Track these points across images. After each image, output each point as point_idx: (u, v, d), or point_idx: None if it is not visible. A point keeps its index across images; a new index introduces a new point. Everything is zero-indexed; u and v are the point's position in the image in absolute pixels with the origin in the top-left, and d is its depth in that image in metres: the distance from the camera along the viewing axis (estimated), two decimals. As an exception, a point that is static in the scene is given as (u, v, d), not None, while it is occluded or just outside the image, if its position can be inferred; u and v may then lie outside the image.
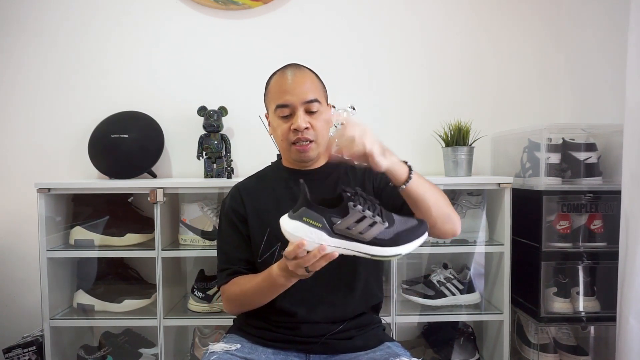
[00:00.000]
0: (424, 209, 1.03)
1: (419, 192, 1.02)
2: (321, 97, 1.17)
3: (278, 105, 1.15)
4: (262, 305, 1.12)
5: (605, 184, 1.57)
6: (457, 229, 1.10)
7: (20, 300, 1.90)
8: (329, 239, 0.91)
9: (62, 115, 1.89)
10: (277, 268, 1.02)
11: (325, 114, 1.19)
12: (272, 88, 1.19)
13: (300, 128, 1.12)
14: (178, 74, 1.89)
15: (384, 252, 0.93)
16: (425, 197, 1.03)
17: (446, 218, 1.07)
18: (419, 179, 1.02)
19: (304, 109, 1.13)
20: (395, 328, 1.62)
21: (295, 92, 1.13)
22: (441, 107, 1.88)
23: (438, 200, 1.06)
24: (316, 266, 0.93)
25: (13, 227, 1.89)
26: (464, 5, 1.90)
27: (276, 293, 1.08)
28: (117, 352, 1.71)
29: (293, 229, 0.92)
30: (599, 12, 1.74)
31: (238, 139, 1.89)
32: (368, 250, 0.93)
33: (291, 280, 1.02)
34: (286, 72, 1.17)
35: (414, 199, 1.03)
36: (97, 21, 1.88)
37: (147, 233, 1.69)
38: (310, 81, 1.16)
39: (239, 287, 1.14)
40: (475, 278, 1.70)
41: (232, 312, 1.23)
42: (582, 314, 1.58)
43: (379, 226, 0.92)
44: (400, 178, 1.00)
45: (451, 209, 1.09)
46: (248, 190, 1.23)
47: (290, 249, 0.93)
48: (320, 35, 1.90)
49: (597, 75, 1.76)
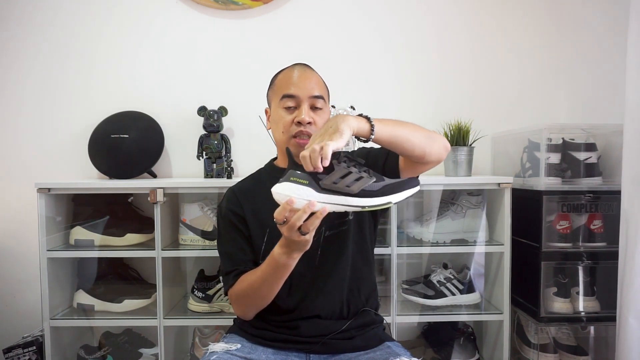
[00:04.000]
0: (405, 145, 1.04)
1: (389, 133, 1.02)
2: (326, 97, 1.21)
3: (284, 95, 1.16)
4: (271, 298, 1.11)
5: (605, 184, 1.58)
6: (445, 144, 1.11)
7: (20, 300, 1.90)
8: (317, 195, 0.92)
9: (62, 115, 1.89)
10: (277, 247, 1.02)
11: (327, 115, 1.21)
12: (279, 81, 1.21)
13: (304, 121, 1.13)
14: (178, 74, 1.89)
15: (374, 202, 0.92)
16: (397, 133, 1.03)
17: (429, 141, 1.07)
18: (382, 123, 1.01)
19: (309, 103, 1.15)
20: (395, 328, 1.62)
21: (303, 86, 1.16)
22: (441, 107, 1.88)
23: (412, 131, 1.06)
24: (309, 226, 0.92)
25: (13, 227, 1.89)
26: (464, 6, 1.90)
27: (281, 278, 1.06)
28: (117, 352, 1.71)
29: (281, 190, 0.93)
30: (599, 12, 1.74)
31: (238, 139, 1.89)
32: (357, 202, 0.92)
33: (292, 256, 1.01)
34: (295, 67, 1.21)
35: (389, 140, 1.02)
36: (97, 21, 1.88)
37: (147, 233, 1.69)
38: (317, 79, 1.20)
39: (245, 282, 1.12)
40: (475, 278, 1.70)
41: (245, 315, 1.17)
42: (582, 314, 1.58)
43: (366, 179, 0.93)
44: (364, 131, 0.99)
45: (429, 132, 1.09)
46: (244, 191, 1.23)
47: (279, 209, 0.93)
48: (320, 35, 1.90)
49: (597, 75, 1.76)
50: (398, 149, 1.05)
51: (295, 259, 1.02)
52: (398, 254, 1.61)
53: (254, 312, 1.16)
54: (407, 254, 1.75)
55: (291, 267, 1.04)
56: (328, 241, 1.17)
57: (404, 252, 1.65)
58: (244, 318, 1.18)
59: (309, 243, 0.98)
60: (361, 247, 1.21)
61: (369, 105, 1.89)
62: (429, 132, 1.08)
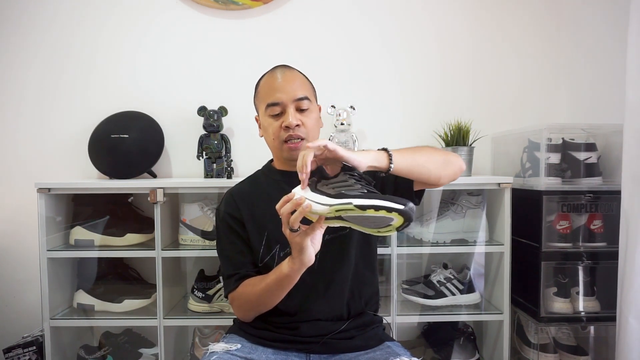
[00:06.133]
0: (422, 173, 1.04)
1: (408, 165, 1.01)
2: (311, 96, 1.19)
3: (269, 104, 1.16)
4: (274, 305, 1.11)
5: (605, 184, 1.57)
6: (460, 165, 1.11)
7: (20, 300, 1.90)
8: (311, 194, 0.92)
9: (62, 115, 1.89)
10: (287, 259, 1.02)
11: (316, 113, 1.20)
12: (262, 88, 1.21)
13: (291, 125, 1.13)
14: (178, 74, 1.89)
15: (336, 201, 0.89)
16: (415, 163, 1.02)
17: (444, 165, 1.07)
18: (399, 154, 1.00)
19: (294, 107, 1.15)
20: (395, 328, 1.62)
21: (286, 90, 1.15)
22: (441, 107, 1.89)
23: (429, 157, 1.06)
24: (293, 221, 0.91)
25: (13, 227, 1.89)
26: (464, 6, 1.90)
27: (284, 288, 1.06)
28: (117, 352, 1.71)
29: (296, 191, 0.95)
30: (599, 12, 1.74)
31: (238, 139, 1.89)
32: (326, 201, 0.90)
33: (294, 267, 1.00)
34: (275, 72, 1.20)
35: (408, 170, 1.02)
36: (96, 21, 1.88)
37: (147, 233, 1.69)
38: (300, 80, 1.19)
39: (250, 288, 1.12)
40: (475, 278, 1.70)
41: (245, 318, 1.18)
42: (582, 314, 1.58)
43: (355, 189, 0.91)
44: (383, 164, 0.97)
45: (445, 156, 1.09)
46: (242, 195, 1.23)
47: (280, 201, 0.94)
48: (320, 36, 1.90)
49: (597, 75, 1.76)
50: (414, 176, 1.05)
51: (296, 270, 1.01)
52: (398, 254, 1.61)
53: (255, 316, 1.17)
54: (407, 254, 1.75)
55: (294, 278, 1.03)
56: (327, 245, 1.15)
57: (404, 252, 1.65)
58: (244, 320, 1.19)
59: (303, 247, 0.96)
60: (365, 251, 1.21)
61: (369, 105, 1.89)
62: (445, 156, 1.08)
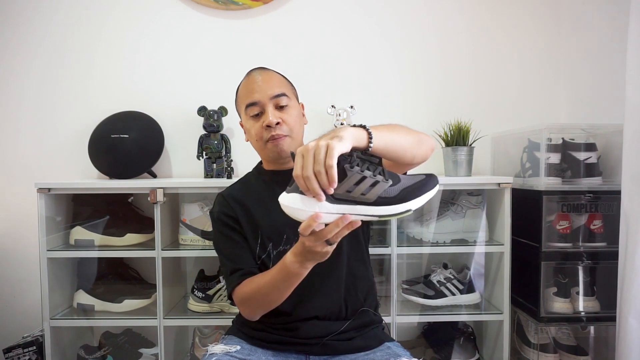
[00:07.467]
0: (397, 151, 0.98)
1: (385, 143, 0.94)
2: (289, 92, 1.20)
3: (247, 105, 1.17)
4: (280, 302, 1.07)
5: (605, 184, 1.57)
6: (431, 144, 1.07)
7: (20, 300, 1.90)
8: (331, 206, 0.83)
9: (62, 115, 1.89)
10: (290, 255, 0.97)
11: (297, 110, 1.21)
12: (240, 92, 1.22)
13: (271, 123, 1.13)
14: (178, 73, 1.89)
15: (392, 210, 0.85)
16: (393, 142, 0.97)
17: (418, 144, 1.03)
18: (378, 131, 0.93)
19: (273, 105, 1.16)
20: (395, 328, 1.62)
21: (262, 89, 1.16)
22: (441, 107, 1.88)
23: (404, 135, 1.01)
24: (338, 236, 0.86)
25: (13, 227, 1.89)
26: (464, 6, 1.90)
27: (291, 285, 1.03)
28: (117, 352, 1.71)
29: (291, 202, 0.84)
30: (599, 12, 1.74)
31: (238, 139, 1.89)
32: (374, 212, 0.84)
33: (305, 265, 0.97)
34: (252, 73, 1.22)
35: (385, 149, 0.94)
36: (96, 21, 1.88)
37: (147, 233, 1.69)
38: (277, 79, 1.20)
39: (254, 284, 1.10)
40: (475, 278, 1.70)
41: (251, 316, 1.14)
42: (582, 314, 1.58)
43: (382, 185, 0.84)
44: (362, 143, 0.89)
45: (418, 135, 1.04)
46: (233, 196, 1.23)
47: (304, 225, 0.84)
48: (321, 36, 1.90)
49: (597, 75, 1.76)
50: (390, 155, 0.98)
51: (308, 268, 0.98)
52: (398, 254, 1.61)
53: (262, 314, 1.13)
54: (407, 254, 1.75)
55: (303, 275, 1.00)
56: None
57: (404, 252, 1.65)
58: (250, 319, 1.16)
59: (328, 254, 0.92)
60: (354, 245, 1.20)
61: (369, 104, 1.89)
62: (418, 135, 1.04)
